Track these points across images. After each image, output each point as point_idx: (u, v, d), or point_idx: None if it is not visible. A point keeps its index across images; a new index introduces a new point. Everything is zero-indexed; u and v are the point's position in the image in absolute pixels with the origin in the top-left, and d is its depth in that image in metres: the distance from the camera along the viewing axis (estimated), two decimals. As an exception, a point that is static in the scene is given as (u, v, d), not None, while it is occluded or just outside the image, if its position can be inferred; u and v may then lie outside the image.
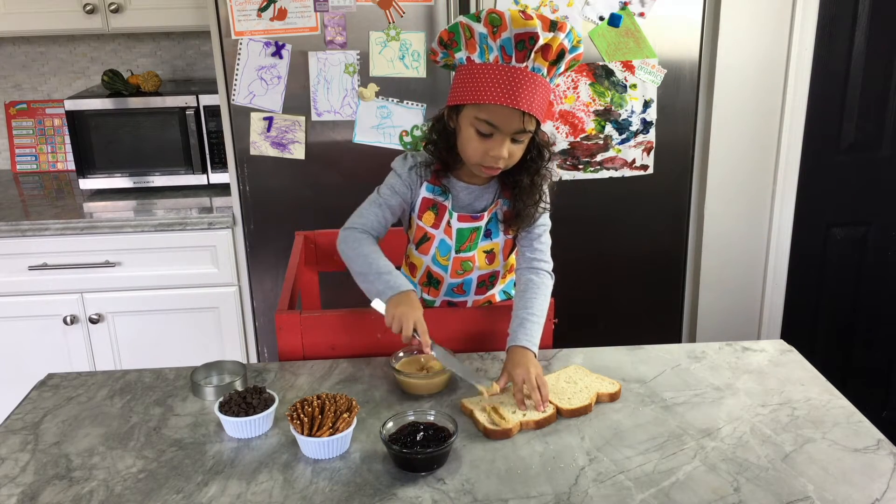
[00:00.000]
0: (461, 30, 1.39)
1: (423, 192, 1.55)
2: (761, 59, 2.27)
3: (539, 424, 1.32)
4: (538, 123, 1.43)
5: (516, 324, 1.47)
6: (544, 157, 1.49)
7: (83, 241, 2.36)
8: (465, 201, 1.55)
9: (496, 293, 1.67)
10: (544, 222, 1.57)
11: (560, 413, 1.35)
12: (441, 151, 1.51)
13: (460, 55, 1.42)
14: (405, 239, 1.67)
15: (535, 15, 1.34)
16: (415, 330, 1.37)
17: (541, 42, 1.33)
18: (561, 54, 1.37)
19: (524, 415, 1.32)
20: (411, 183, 1.55)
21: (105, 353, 2.46)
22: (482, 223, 1.54)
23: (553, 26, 1.34)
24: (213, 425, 1.34)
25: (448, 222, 1.54)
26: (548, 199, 1.55)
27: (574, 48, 1.39)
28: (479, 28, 1.36)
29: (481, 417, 1.31)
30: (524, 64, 1.35)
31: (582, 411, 1.35)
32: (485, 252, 1.58)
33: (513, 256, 1.64)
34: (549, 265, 1.57)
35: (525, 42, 1.33)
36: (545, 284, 1.53)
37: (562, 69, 1.40)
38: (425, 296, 1.65)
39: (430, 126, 1.53)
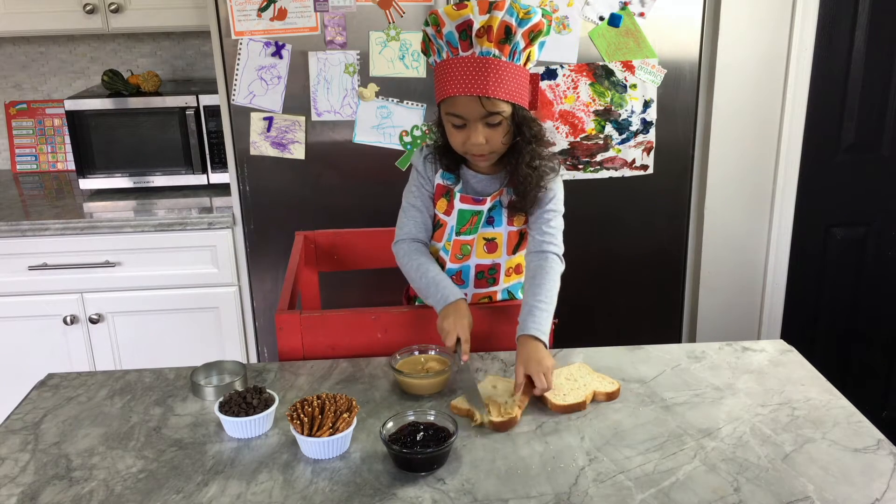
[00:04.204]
0: (424, 37, 1.47)
1: (438, 179, 1.60)
2: (761, 58, 2.27)
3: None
4: (515, 104, 1.44)
5: (525, 312, 1.47)
6: (525, 135, 1.48)
7: (83, 241, 2.36)
8: (476, 189, 1.58)
9: (498, 291, 1.66)
10: (555, 207, 1.57)
11: (553, 409, 1.36)
12: (445, 149, 1.56)
13: (431, 59, 1.49)
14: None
15: (473, 2, 1.39)
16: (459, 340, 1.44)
17: (476, 25, 1.37)
18: (508, 31, 1.38)
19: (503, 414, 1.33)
20: (427, 172, 1.61)
21: (105, 353, 2.46)
22: (484, 207, 1.56)
23: (490, 7, 1.38)
24: (213, 425, 1.34)
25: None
26: (558, 186, 1.57)
27: (523, 21, 1.39)
28: (429, 31, 1.44)
29: (483, 415, 1.32)
30: (471, 51, 1.40)
31: (575, 408, 1.35)
32: (485, 239, 1.59)
33: (519, 256, 1.64)
34: (559, 249, 1.57)
35: (466, 31, 1.39)
36: (554, 269, 1.53)
37: (521, 44, 1.41)
38: None
39: (434, 129, 1.59)
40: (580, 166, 2.30)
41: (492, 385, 1.42)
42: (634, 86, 2.23)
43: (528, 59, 1.45)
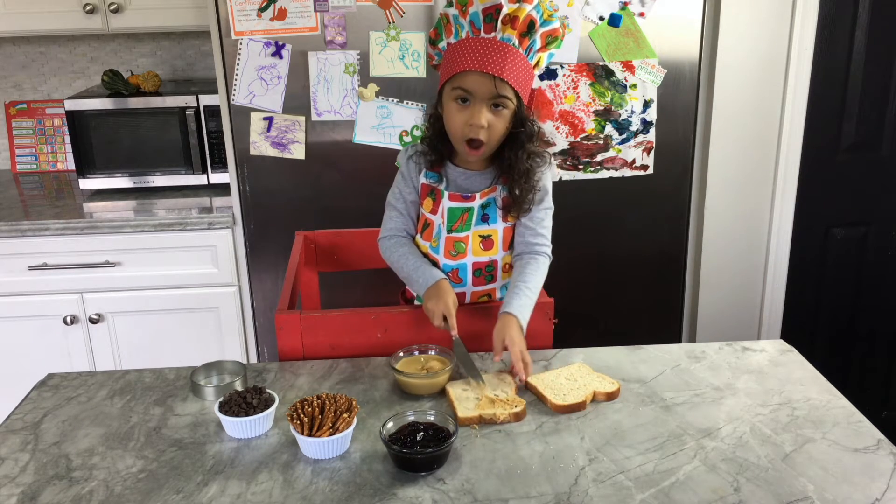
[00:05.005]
0: (441, 20, 1.49)
1: (422, 179, 1.61)
2: (761, 58, 2.27)
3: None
4: (519, 99, 1.47)
5: (513, 292, 1.52)
6: (527, 129, 1.51)
7: (83, 241, 2.36)
8: (462, 186, 1.59)
9: (496, 288, 1.67)
10: (547, 205, 1.61)
11: (553, 409, 1.36)
12: (435, 142, 1.58)
13: (442, 44, 1.51)
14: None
15: None
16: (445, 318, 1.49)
17: (505, 11, 1.41)
18: (531, 25, 1.43)
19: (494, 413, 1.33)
20: (410, 172, 1.63)
21: (105, 353, 2.46)
22: (473, 203, 1.57)
23: None
24: (213, 425, 1.34)
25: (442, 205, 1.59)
26: (548, 180, 1.59)
27: (546, 21, 1.45)
28: (452, 11, 1.47)
29: (500, 412, 1.32)
30: (493, 34, 1.43)
31: (575, 408, 1.35)
32: (481, 237, 1.60)
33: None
34: (550, 247, 1.61)
35: (492, 14, 1.42)
36: (545, 266, 1.59)
37: (538, 44, 1.46)
38: None
39: (426, 122, 1.60)
40: (580, 166, 2.30)
41: (491, 388, 1.41)
42: (634, 86, 2.23)
43: (537, 63, 1.49)
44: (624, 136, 2.27)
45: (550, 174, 1.62)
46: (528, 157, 1.53)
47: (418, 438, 1.22)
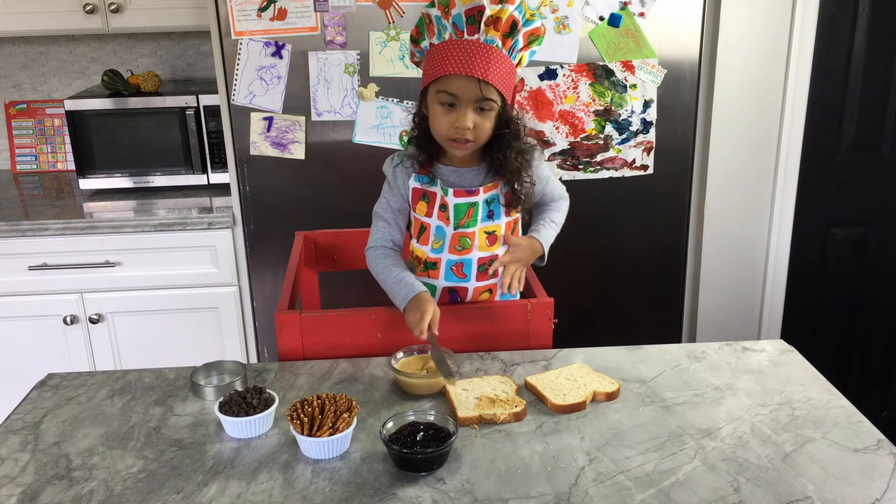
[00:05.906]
0: (423, 20, 1.49)
1: (412, 184, 1.60)
2: (761, 58, 2.27)
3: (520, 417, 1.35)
4: (504, 99, 1.48)
5: (540, 223, 1.67)
6: (511, 129, 1.53)
7: (83, 241, 2.36)
8: (456, 184, 1.59)
9: (498, 284, 1.66)
10: (549, 175, 1.69)
11: (553, 409, 1.36)
12: (422, 141, 1.57)
13: (425, 44, 1.51)
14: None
15: None
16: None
17: (488, 13, 1.42)
18: (513, 26, 1.44)
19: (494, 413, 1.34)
20: (397, 180, 1.62)
21: (105, 353, 2.46)
22: (478, 198, 1.57)
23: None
24: (213, 425, 1.34)
25: (440, 207, 1.58)
26: (542, 168, 1.66)
27: (528, 21, 1.46)
28: (434, 11, 1.46)
29: (500, 412, 1.32)
30: (476, 36, 1.44)
31: (575, 408, 1.35)
32: (486, 233, 1.60)
33: None
34: (564, 188, 1.76)
35: (475, 16, 1.42)
36: (566, 206, 1.76)
37: (520, 43, 1.47)
38: (427, 280, 1.65)
39: (412, 122, 1.60)
40: (580, 166, 2.30)
41: (491, 388, 1.41)
42: (634, 86, 2.23)
43: (519, 62, 1.50)
44: (624, 136, 2.27)
45: (546, 165, 1.67)
46: (516, 156, 1.54)
47: (418, 438, 1.22)
